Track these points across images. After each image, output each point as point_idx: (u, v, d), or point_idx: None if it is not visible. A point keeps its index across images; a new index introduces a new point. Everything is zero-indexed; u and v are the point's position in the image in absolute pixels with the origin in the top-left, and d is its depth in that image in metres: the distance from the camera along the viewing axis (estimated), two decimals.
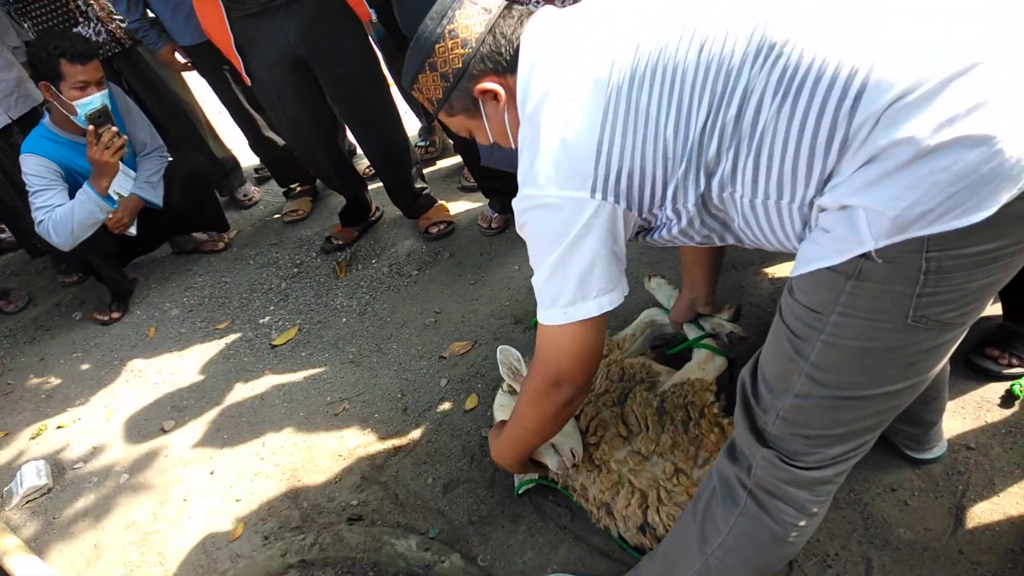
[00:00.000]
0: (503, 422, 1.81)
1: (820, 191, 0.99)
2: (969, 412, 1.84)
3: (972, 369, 1.91)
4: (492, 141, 1.39)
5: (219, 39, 2.66)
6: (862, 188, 0.93)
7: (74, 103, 2.76)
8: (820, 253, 1.01)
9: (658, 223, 1.22)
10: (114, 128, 2.83)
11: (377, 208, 3.41)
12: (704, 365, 1.88)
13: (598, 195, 1.12)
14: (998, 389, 1.86)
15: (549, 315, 1.26)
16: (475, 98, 1.29)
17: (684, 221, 1.18)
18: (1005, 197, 0.86)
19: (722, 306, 2.05)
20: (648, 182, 1.12)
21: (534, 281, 1.26)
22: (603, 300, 1.23)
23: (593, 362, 1.34)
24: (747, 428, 1.22)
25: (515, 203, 1.22)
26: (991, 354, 1.90)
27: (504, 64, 1.25)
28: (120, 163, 3.04)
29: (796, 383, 1.12)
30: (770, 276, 2.43)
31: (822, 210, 1.01)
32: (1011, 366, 1.88)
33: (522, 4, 1.36)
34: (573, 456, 1.73)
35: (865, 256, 0.96)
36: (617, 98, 1.09)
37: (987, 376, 1.89)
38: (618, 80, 1.09)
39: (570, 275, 1.20)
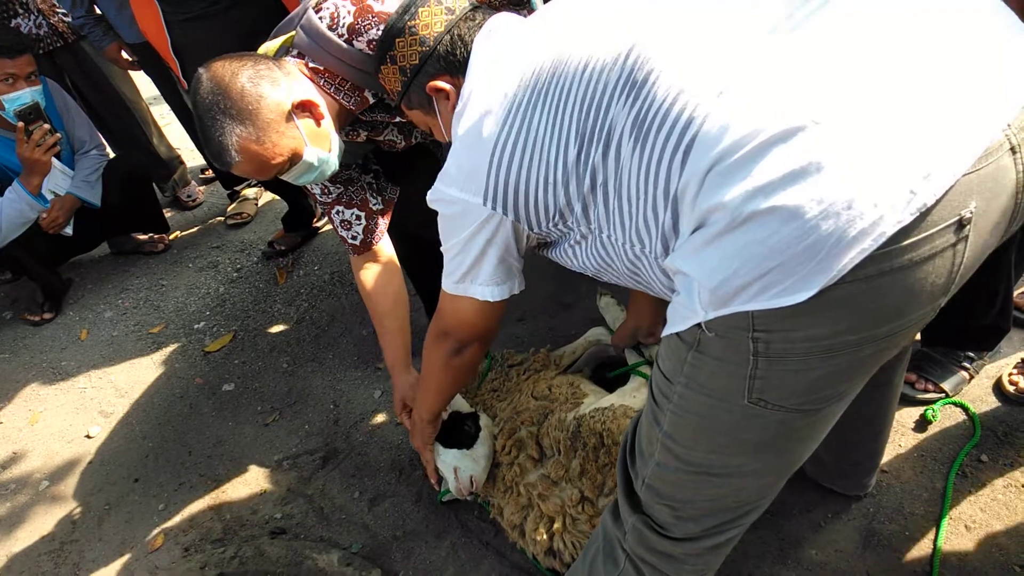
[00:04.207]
0: None
1: (667, 247, 0.97)
2: None
3: None
4: (447, 139, 1.40)
5: (156, 41, 2.61)
6: (690, 254, 0.90)
7: (1, 98, 2.69)
8: (673, 318, 0.98)
9: (553, 239, 1.22)
10: (46, 125, 2.76)
11: (323, 215, 3.37)
12: (636, 392, 1.88)
13: (489, 204, 1.13)
14: (913, 413, 1.91)
15: (446, 282, 1.32)
16: (429, 96, 1.32)
17: (574, 244, 1.18)
18: (823, 279, 0.80)
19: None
20: (532, 202, 1.11)
21: (442, 249, 1.30)
22: (486, 290, 1.27)
23: (479, 331, 1.40)
24: (624, 490, 1.20)
25: (429, 193, 1.24)
26: (908, 379, 1.95)
27: (457, 65, 1.28)
28: (56, 161, 2.98)
29: (656, 451, 1.09)
30: None
31: (673, 273, 0.97)
32: (927, 391, 1.93)
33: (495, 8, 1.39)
34: (471, 484, 1.74)
35: (701, 327, 0.92)
36: (516, 113, 1.10)
37: (903, 400, 1.94)
38: (521, 96, 1.10)
39: (463, 262, 1.24)
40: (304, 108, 1.54)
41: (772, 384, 0.91)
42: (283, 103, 1.49)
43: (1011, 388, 1.87)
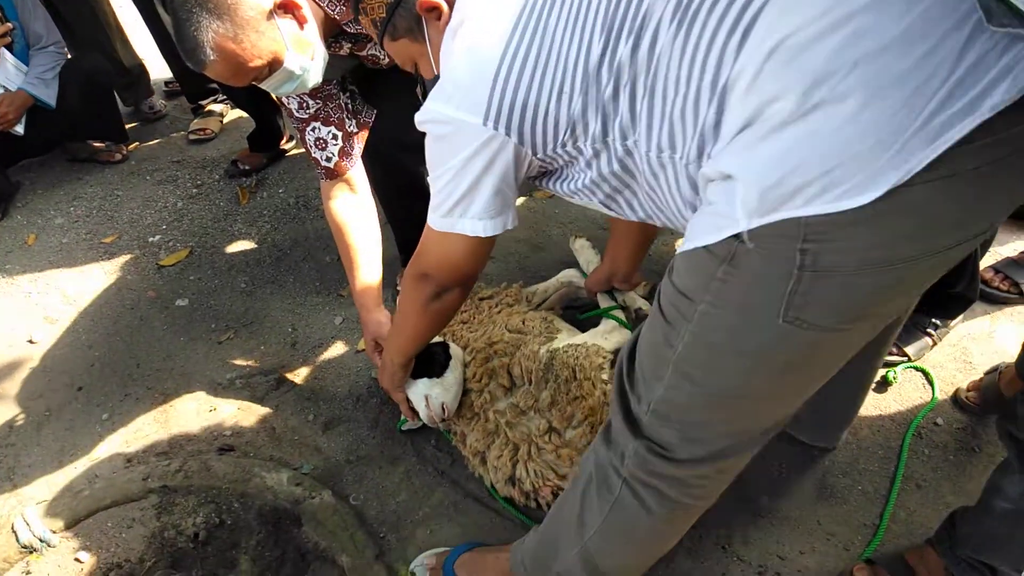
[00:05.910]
0: None
1: (703, 150, 0.88)
2: None
3: None
4: (436, 73, 1.29)
5: None
6: (738, 152, 0.81)
7: None
8: (700, 230, 0.89)
9: (557, 167, 1.14)
10: None
11: (291, 138, 3.25)
12: (607, 334, 1.86)
13: (490, 124, 1.04)
14: None
15: (432, 217, 1.23)
16: (419, 16, 1.20)
17: (582, 169, 1.11)
18: (893, 178, 0.71)
19: (639, 282, 2.03)
20: (541, 118, 1.03)
21: (429, 180, 1.22)
22: (477, 224, 1.18)
23: (464, 274, 1.33)
24: (621, 414, 1.15)
25: (418, 114, 1.14)
26: None
27: None
28: (8, 54, 2.82)
29: (666, 374, 1.02)
30: None
31: (710, 180, 0.88)
32: (890, 353, 1.95)
33: None
34: (443, 411, 1.71)
35: (739, 238, 0.83)
36: (528, 20, 1.01)
37: None
38: (535, 1, 1.02)
39: (454, 192, 1.15)
40: (286, 9, 1.45)
41: (812, 301, 0.83)
42: (264, 1, 1.41)
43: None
